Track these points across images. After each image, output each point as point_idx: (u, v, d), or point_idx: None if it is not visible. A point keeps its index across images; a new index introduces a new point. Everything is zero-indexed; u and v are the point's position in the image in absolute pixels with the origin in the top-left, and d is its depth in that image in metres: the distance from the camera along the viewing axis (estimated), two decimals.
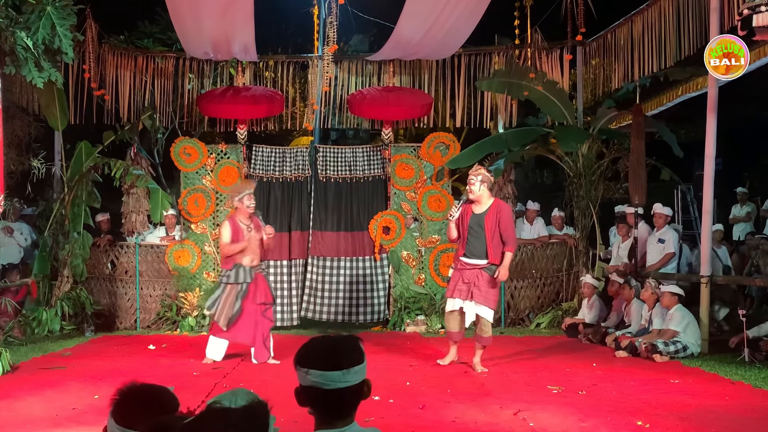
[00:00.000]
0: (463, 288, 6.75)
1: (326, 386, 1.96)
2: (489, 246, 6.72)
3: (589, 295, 8.97)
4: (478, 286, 6.70)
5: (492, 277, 6.71)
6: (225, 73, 10.55)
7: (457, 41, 9.71)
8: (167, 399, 2.07)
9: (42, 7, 6.89)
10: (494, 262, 6.75)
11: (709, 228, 7.93)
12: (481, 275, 6.71)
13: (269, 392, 5.24)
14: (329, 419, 2.00)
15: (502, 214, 6.77)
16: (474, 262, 6.76)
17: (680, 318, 7.30)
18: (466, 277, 6.76)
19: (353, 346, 2.05)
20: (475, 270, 6.73)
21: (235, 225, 7.26)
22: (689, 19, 7.92)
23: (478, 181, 6.80)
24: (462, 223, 6.92)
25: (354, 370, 1.99)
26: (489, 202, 6.86)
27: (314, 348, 2.03)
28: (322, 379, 1.96)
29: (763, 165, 14.26)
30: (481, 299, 6.70)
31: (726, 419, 4.79)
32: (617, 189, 11.67)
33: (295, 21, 11.94)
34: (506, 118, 10.32)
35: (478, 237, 6.76)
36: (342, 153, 10.10)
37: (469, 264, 6.78)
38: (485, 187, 6.84)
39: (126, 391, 2.03)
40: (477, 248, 6.75)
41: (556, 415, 4.94)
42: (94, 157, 9.77)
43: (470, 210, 6.94)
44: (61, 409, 5.15)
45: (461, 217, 6.94)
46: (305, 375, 1.98)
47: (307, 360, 1.99)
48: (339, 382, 1.96)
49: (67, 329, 9.12)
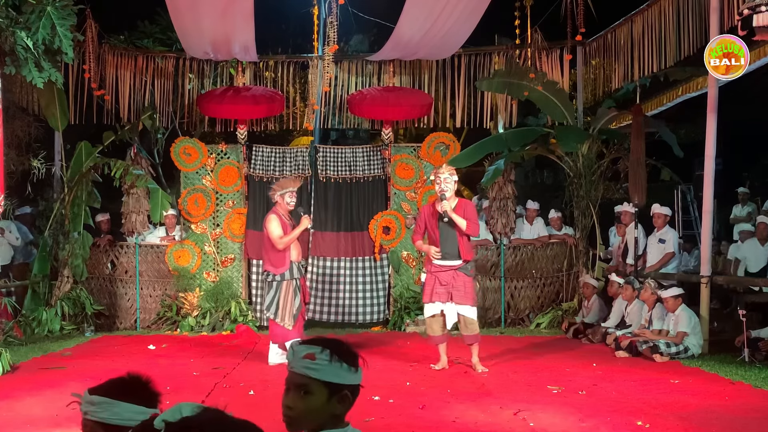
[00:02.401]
0: (441, 291, 6.73)
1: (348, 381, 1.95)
2: (460, 244, 6.73)
3: (589, 295, 8.97)
4: (456, 287, 6.69)
5: (468, 277, 6.74)
6: (225, 73, 10.55)
7: (457, 41, 9.71)
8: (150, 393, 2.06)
9: (42, 7, 6.89)
10: (466, 258, 6.76)
11: (709, 228, 7.92)
12: (457, 275, 6.71)
13: (269, 392, 5.25)
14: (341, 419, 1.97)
15: (467, 209, 6.80)
16: (449, 264, 6.74)
17: (687, 319, 7.27)
18: (442, 280, 6.74)
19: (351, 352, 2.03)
20: (450, 271, 6.73)
21: (281, 218, 7.15)
22: (689, 19, 7.92)
23: (452, 181, 6.78)
24: (429, 225, 6.88)
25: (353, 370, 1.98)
26: (455, 202, 6.83)
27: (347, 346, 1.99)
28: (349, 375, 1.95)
29: (763, 165, 14.26)
30: (461, 298, 6.69)
31: (726, 419, 4.79)
32: (617, 189, 11.67)
33: (295, 21, 11.94)
34: (506, 118, 10.32)
35: (449, 237, 6.73)
36: (342, 153, 10.10)
37: (443, 266, 6.75)
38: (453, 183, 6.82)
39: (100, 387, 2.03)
40: (449, 249, 6.73)
41: (556, 415, 4.93)
42: (94, 157, 9.77)
43: (434, 209, 6.89)
44: (61, 409, 5.13)
45: (427, 220, 6.90)
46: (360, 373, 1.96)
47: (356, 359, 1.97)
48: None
49: (67, 329, 9.13)
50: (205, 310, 9.52)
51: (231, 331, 9.21)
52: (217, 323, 9.44)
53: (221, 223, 9.98)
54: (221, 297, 9.64)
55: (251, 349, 7.98)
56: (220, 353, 7.75)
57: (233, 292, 9.78)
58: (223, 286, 9.77)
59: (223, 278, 9.86)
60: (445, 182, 6.77)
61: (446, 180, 6.77)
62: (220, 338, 8.94)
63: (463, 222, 6.68)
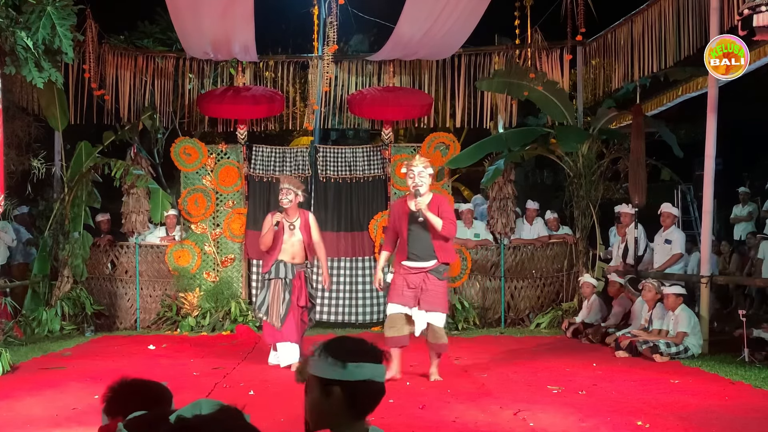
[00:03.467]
0: (409, 294, 6.08)
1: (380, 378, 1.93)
2: (434, 244, 6.06)
3: (589, 294, 8.96)
4: (426, 290, 6.03)
5: (440, 281, 6.11)
6: (225, 73, 10.55)
7: (457, 41, 9.71)
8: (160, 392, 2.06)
9: (42, 7, 6.89)
10: (444, 260, 6.13)
11: (709, 228, 7.92)
12: (427, 278, 6.06)
13: (269, 392, 5.25)
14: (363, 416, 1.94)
15: (442, 207, 6.12)
16: (420, 266, 6.09)
17: (687, 319, 7.27)
18: (411, 282, 6.07)
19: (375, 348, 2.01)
20: (420, 274, 6.07)
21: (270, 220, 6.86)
22: (689, 19, 7.92)
23: (427, 175, 6.11)
24: (398, 223, 6.20)
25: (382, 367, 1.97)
26: (428, 197, 6.14)
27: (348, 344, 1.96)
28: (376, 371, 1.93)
29: (763, 165, 14.26)
30: (431, 304, 6.04)
31: (726, 419, 4.79)
32: (617, 189, 11.67)
33: (295, 21, 11.94)
34: (506, 118, 10.33)
35: (420, 236, 6.06)
36: (342, 153, 10.10)
37: (413, 268, 6.10)
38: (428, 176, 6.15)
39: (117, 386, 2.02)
40: (421, 249, 6.07)
41: (556, 415, 4.93)
42: (94, 157, 9.77)
43: (405, 207, 6.18)
44: (61, 409, 5.15)
45: (396, 218, 6.26)
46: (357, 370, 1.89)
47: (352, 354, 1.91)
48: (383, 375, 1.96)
49: (67, 329, 9.13)
50: (205, 310, 9.52)
51: (231, 331, 9.21)
52: (217, 323, 9.44)
53: (221, 223, 9.98)
54: (221, 297, 9.64)
55: (251, 349, 7.98)
56: (220, 353, 7.75)
57: (233, 292, 9.78)
58: (223, 286, 9.77)
59: (223, 278, 9.86)
60: (419, 176, 6.08)
61: (421, 174, 6.09)
62: (220, 338, 8.94)
63: (438, 222, 5.99)
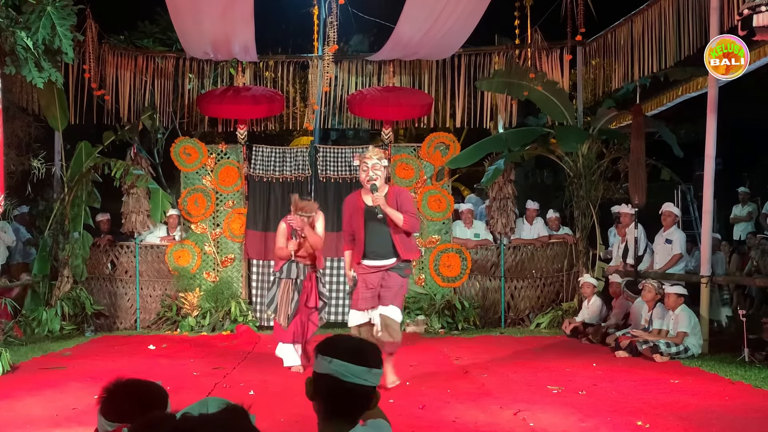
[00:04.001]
0: (368, 296, 5.73)
1: (344, 377, 1.96)
2: (395, 239, 5.69)
3: (589, 295, 8.96)
4: (386, 287, 5.72)
5: (402, 278, 5.74)
6: (225, 73, 10.55)
7: (457, 41, 9.71)
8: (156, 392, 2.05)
9: (42, 7, 6.89)
10: (406, 257, 5.76)
11: (710, 228, 7.92)
12: (388, 276, 5.72)
13: (269, 392, 5.25)
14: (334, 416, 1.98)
15: (402, 199, 5.73)
16: (379, 264, 5.74)
17: (687, 319, 7.27)
18: (370, 283, 5.73)
19: (376, 352, 2.08)
20: (380, 272, 5.74)
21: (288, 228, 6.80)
22: (689, 19, 7.93)
23: (382, 167, 5.68)
24: (353, 220, 5.81)
25: (374, 371, 2.01)
26: (386, 190, 5.76)
27: (342, 341, 2.06)
28: (343, 369, 1.96)
29: (763, 165, 14.26)
30: (389, 298, 5.70)
31: (726, 419, 4.79)
32: (617, 189, 11.67)
33: (295, 21, 11.94)
34: (506, 118, 10.33)
35: (378, 233, 5.68)
36: (342, 153, 10.10)
37: (371, 266, 5.75)
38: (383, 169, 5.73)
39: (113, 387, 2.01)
40: (380, 247, 5.71)
41: (556, 415, 4.93)
42: (94, 157, 9.77)
43: (360, 202, 5.79)
44: (61, 409, 5.15)
45: (350, 214, 5.85)
46: (327, 363, 1.97)
47: (333, 349, 2.00)
48: (357, 378, 1.97)
49: (67, 329, 9.13)
50: (205, 310, 9.52)
51: (231, 331, 9.21)
52: (217, 323, 9.44)
53: (221, 223, 9.98)
54: (221, 297, 9.64)
55: (251, 349, 7.98)
56: (220, 353, 7.75)
57: (233, 292, 9.78)
58: (223, 286, 9.77)
59: (223, 278, 9.86)
60: (373, 169, 5.67)
61: (375, 166, 5.67)
62: (220, 338, 8.94)
63: (399, 217, 5.59)
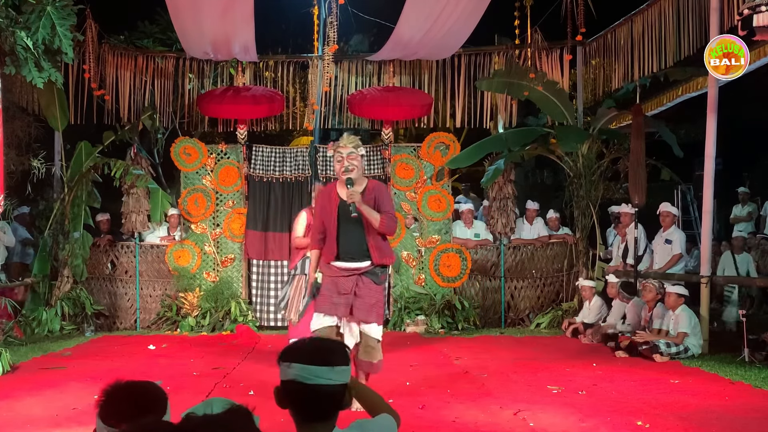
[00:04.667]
0: (340, 302, 5.15)
1: (307, 380, 1.90)
2: (369, 241, 5.14)
3: (589, 296, 8.97)
4: (360, 296, 5.15)
5: (377, 285, 5.24)
6: (225, 73, 10.55)
7: (457, 41, 9.71)
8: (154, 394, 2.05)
9: (42, 7, 6.89)
10: (381, 262, 5.21)
11: (710, 228, 7.92)
12: (361, 282, 5.17)
13: (270, 392, 5.23)
14: (307, 421, 1.93)
15: (381, 196, 5.18)
16: (352, 266, 5.16)
17: (687, 319, 7.27)
18: (342, 287, 5.15)
19: (339, 349, 2.02)
20: (353, 276, 5.16)
21: (310, 219, 6.74)
22: (689, 19, 7.93)
23: (359, 157, 5.12)
24: (326, 216, 5.23)
25: (338, 369, 1.93)
26: (363, 184, 5.18)
27: (302, 344, 2.02)
28: (304, 372, 1.90)
29: (763, 165, 14.26)
30: (365, 313, 5.18)
31: (726, 419, 4.79)
32: (617, 189, 11.68)
33: (295, 21, 11.94)
34: (506, 118, 10.33)
35: (352, 232, 5.13)
36: None
37: (345, 269, 5.18)
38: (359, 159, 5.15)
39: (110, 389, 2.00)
40: (353, 247, 5.14)
41: (556, 415, 4.93)
42: (94, 157, 9.77)
43: (334, 197, 5.21)
44: (61, 409, 5.15)
45: (323, 209, 5.26)
46: (287, 369, 1.93)
47: (292, 354, 1.96)
48: (321, 378, 1.90)
49: (67, 329, 9.13)
50: (205, 310, 9.51)
51: (231, 331, 9.21)
52: (217, 323, 9.44)
53: (221, 223, 9.98)
54: (221, 297, 9.64)
55: (251, 349, 7.98)
56: (220, 353, 7.75)
57: (233, 292, 9.78)
58: (223, 286, 9.77)
59: (223, 278, 9.85)
60: (349, 159, 5.07)
61: (351, 156, 5.08)
62: (220, 338, 8.94)
63: (375, 216, 5.04)
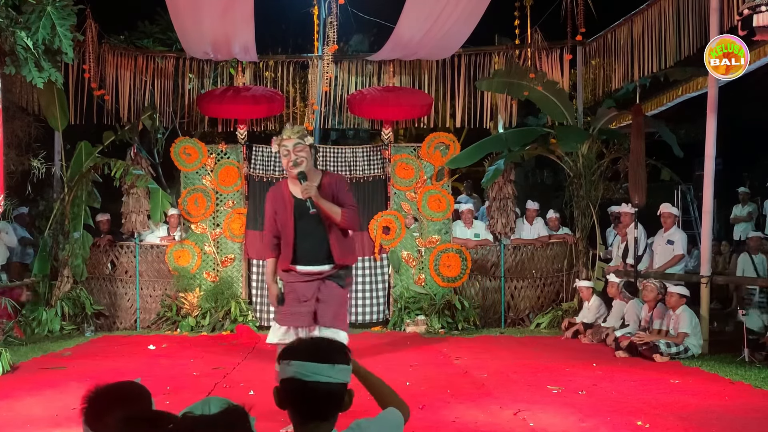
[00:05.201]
0: (301, 310, 4.69)
1: (306, 377, 1.87)
2: (330, 240, 4.68)
3: (588, 296, 8.97)
4: (324, 301, 4.68)
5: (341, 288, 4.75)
6: (225, 73, 10.56)
7: (457, 41, 9.72)
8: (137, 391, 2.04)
9: (42, 7, 6.89)
10: (343, 263, 4.77)
11: (710, 228, 7.92)
12: (323, 287, 4.71)
13: (270, 392, 5.24)
14: (306, 421, 1.90)
15: (339, 188, 4.73)
16: (312, 269, 4.71)
17: (688, 320, 7.27)
18: (302, 293, 4.68)
19: (340, 348, 1.99)
20: (314, 281, 4.71)
21: None
22: (689, 19, 7.93)
23: (306, 147, 4.59)
24: (280, 217, 4.74)
25: (338, 367, 1.91)
26: (318, 177, 4.71)
27: (302, 343, 1.99)
28: (302, 369, 1.87)
29: (763, 165, 14.26)
30: (330, 319, 4.66)
31: (726, 419, 4.79)
32: (617, 189, 11.69)
33: (295, 21, 11.95)
34: (506, 118, 10.33)
35: (311, 232, 4.66)
36: (342, 153, 10.10)
37: (306, 274, 4.72)
38: (308, 150, 4.62)
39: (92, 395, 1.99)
40: (312, 249, 4.68)
41: (556, 415, 4.93)
42: (94, 157, 9.78)
43: (287, 195, 4.73)
44: (61, 409, 5.15)
45: (275, 210, 4.77)
46: (286, 366, 1.90)
47: (292, 352, 1.93)
48: (320, 376, 1.88)
49: (67, 329, 9.14)
50: (205, 310, 9.51)
51: (231, 331, 9.20)
52: (217, 323, 9.44)
53: (221, 223, 9.98)
54: (221, 297, 9.64)
55: (251, 349, 7.98)
56: (220, 353, 7.75)
57: (233, 292, 9.78)
58: (223, 286, 9.77)
59: (223, 278, 9.85)
60: (297, 151, 4.57)
61: (298, 148, 4.57)
62: (220, 338, 8.94)
63: (336, 210, 4.57)
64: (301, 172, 4.55)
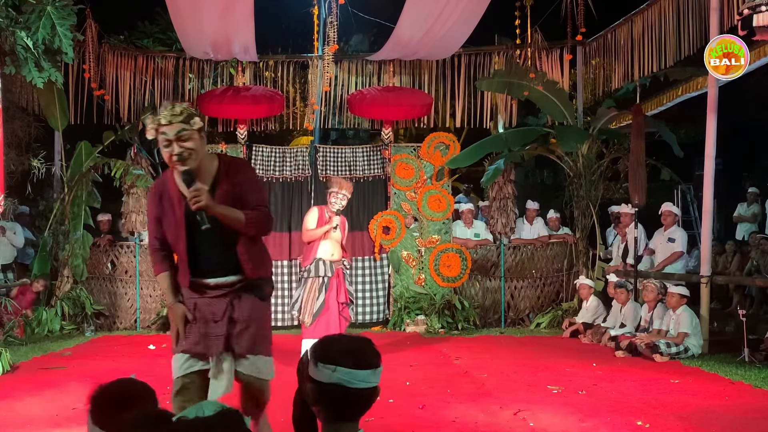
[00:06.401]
0: (210, 332, 3.39)
1: (351, 384, 1.89)
2: (239, 249, 3.40)
3: (587, 296, 8.97)
4: (239, 320, 3.40)
5: (260, 301, 3.50)
6: (225, 73, 10.55)
7: (457, 41, 9.71)
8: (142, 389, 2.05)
9: (42, 7, 6.90)
10: (256, 275, 3.47)
11: (710, 228, 7.92)
12: (239, 303, 3.43)
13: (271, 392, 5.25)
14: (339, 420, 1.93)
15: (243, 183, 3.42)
16: (222, 281, 3.43)
17: (689, 319, 7.28)
18: (210, 313, 3.41)
19: (373, 348, 2.00)
20: (226, 296, 3.42)
21: (321, 213, 6.92)
22: (689, 19, 7.94)
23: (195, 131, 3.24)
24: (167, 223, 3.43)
25: (377, 371, 1.95)
26: (211, 170, 3.39)
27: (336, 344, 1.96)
28: (348, 377, 1.88)
29: (763, 165, 14.26)
30: (247, 346, 3.41)
31: (726, 419, 4.79)
32: (617, 189, 11.69)
33: (295, 21, 11.93)
34: (506, 118, 10.33)
35: (209, 241, 3.37)
36: (342, 153, 10.10)
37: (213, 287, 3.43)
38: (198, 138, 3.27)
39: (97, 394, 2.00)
40: (213, 257, 3.43)
41: (556, 415, 4.93)
42: (94, 157, 9.78)
43: (174, 193, 3.39)
44: (61, 409, 5.15)
45: (159, 213, 3.44)
46: (332, 372, 1.88)
47: (332, 356, 1.91)
48: (363, 382, 1.91)
49: (67, 329, 9.14)
50: None
51: None
52: None
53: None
54: None
55: None
56: None
57: None
58: None
59: None
60: (180, 141, 3.23)
61: (183, 136, 3.22)
62: None
63: (239, 216, 3.31)
64: (188, 170, 3.24)
